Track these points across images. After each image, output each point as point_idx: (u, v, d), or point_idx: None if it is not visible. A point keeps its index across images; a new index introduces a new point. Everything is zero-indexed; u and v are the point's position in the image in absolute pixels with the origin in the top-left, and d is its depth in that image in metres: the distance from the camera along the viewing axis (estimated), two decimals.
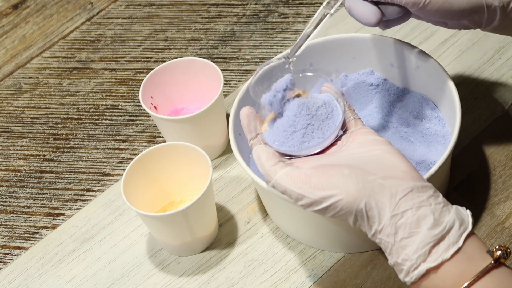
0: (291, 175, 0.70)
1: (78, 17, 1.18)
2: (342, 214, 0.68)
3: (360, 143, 0.73)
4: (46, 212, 0.95)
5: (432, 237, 0.64)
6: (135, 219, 0.92)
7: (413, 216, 0.65)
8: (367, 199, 0.66)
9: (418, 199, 0.66)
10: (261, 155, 0.73)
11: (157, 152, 0.87)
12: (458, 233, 0.64)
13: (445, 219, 0.65)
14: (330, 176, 0.68)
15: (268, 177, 0.72)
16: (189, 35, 1.12)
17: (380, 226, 0.66)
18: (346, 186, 0.67)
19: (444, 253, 0.64)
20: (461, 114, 0.81)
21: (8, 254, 0.92)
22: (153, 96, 0.95)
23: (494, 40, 1.01)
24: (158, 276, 0.87)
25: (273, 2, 1.14)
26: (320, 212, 0.69)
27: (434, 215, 0.65)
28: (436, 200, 0.66)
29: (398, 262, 0.65)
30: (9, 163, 1.01)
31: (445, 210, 0.65)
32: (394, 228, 0.65)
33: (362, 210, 0.67)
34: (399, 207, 0.65)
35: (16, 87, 1.10)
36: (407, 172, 0.68)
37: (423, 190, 0.66)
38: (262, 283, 0.84)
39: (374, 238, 0.67)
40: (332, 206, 0.68)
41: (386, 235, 0.66)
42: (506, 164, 0.89)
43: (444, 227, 0.64)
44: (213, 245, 0.88)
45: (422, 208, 0.65)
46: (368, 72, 0.93)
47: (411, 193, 0.66)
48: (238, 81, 1.05)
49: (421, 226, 0.64)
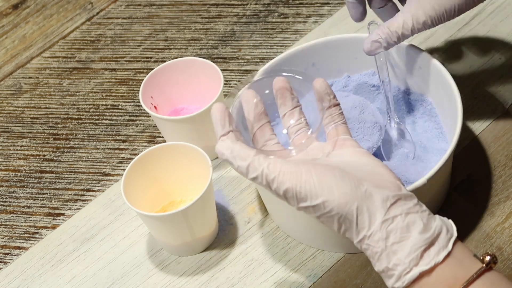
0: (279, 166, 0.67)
1: (78, 17, 1.18)
2: (330, 216, 0.66)
3: (346, 154, 0.72)
4: (46, 212, 0.95)
5: (423, 240, 0.64)
6: (135, 219, 0.92)
7: (403, 222, 0.65)
8: (359, 202, 0.66)
9: (406, 206, 0.66)
10: (234, 147, 0.69)
11: (157, 152, 0.87)
12: (446, 238, 0.65)
13: (433, 224, 0.65)
14: (322, 174, 0.67)
15: (251, 169, 0.68)
16: (189, 35, 1.12)
17: (369, 231, 0.65)
18: (339, 187, 0.66)
19: (436, 257, 0.64)
20: (462, 114, 0.82)
21: (8, 254, 0.92)
22: (153, 96, 0.95)
23: (494, 40, 1.01)
24: (158, 276, 0.87)
25: (273, 2, 1.14)
26: (307, 211, 0.67)
27: (423, 220, 0.65)
28: (421, 208, 0.67)
29: (388, 267, 0.65)
30: (9, 163, 1.01)
31: (431, 217, 0.66)
32: (385, 232, 0.65)
33: (353, 213, 0.65)
34: (389, 213, 0.65)
35: (16, 87, 1.10)
36: (394, 183, 0.68)
37: (409, 198, 0.67)
38: (262, 283, 0.84)
39: (361, 244, 0.66)
40: (321, 205, 0.66)
41: (375, 241, 0.65)
42: (506, 164, 0.89)
43: (434, 232, 0.65)
44: (213, 245, 0.88)
45: (411, 214, 0.65)
46: (370, 73, 0.93)
47: (400, 200, 0.66)
48: (238, 81, 1.05)
49: (411, 231, 0.65)
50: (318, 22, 1.10)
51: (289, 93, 0.77)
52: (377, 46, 0.83)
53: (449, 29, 1.03)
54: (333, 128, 0.75)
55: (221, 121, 0.71)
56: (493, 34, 1.02)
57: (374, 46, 0.83)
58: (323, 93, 0.75)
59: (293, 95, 0.78)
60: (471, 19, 1.04)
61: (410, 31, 0.81)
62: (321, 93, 0.75)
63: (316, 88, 0.76)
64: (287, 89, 0.77)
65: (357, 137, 0.86)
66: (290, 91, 0.77)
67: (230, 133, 0.71)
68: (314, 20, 1.10)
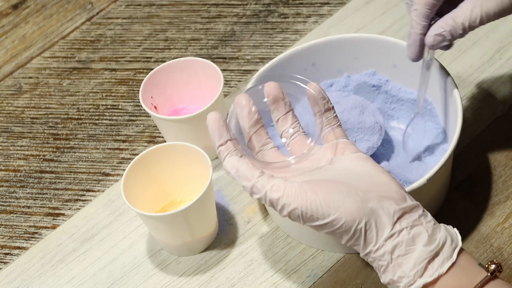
0: (283, 188, 0.68)
1: (78, 17, 1.18)
2: (339, 232, 0.67)
3: (348, 160, 0.72)
4: (46, 212, 0.95)
5: (428, 253, 0.65)
6: (135, 219, 0.92)
7: (408, 235, 0.65)
8: (367, 218, 0.66)
9: (411, 219, 0.66)
10: (240, 167, 0.70)
11: (157, 152, 0.87)
12: (450, 248, 0.65)
13: (438, 235, 0.66)
14: (327, 192, 0.67)
15: (255, 190, 0.69)
16: (189, 35, 1.12)
17: (376, 246, 0.66)
18: (346, 205, 0.66)
19: (440, 268, 0.65)
20: (462, 114, 0.82)
21: (8, 254, 0.92)
22: (153, 96, 0.95)
23: (494, 40, 1.01)
24: (158, 276, 0.87)
25: (273, 2, 1.14)
26: (314, 228, 0.68)
27: (427, 232, 0.66)
28: (426, 219, 0.67)
29: (393, 279, 0.66)
30: (9, 163, 1.01)
31: (436, 228, 0.67)
32: (391, 246, 0.66)
33: (361, 230, 0.66)
34: (396, 227, 0.66)
35: (16, 87, 1.10)
36: (398, 192, 0.68)
37: (414, 210, 0.67)
38: (262, 283, 0.84)
39: (367, 257, 0.67)
40: (329, 224, 0.67)
41: (381, 255, 0.66)
42: (506, 164, 0.89)
43: (438, 243, 0.65)
44: (213, 245, 0.88)
45: (416, 227, 0.66)
46: (370, 73, 0.93)
47: (406, 214, 0.67)
48: (238, 81, 1.05)
49: (416, 243, 0.65)
50: (318, 22, 1.10)
51: (281, 99, 0.77)
52: (440, 40, 0.76)
53: None
54: (330, 131, 0.75)
55: (218, 131, 0.72)
56: (493, 34, 1.02)
57: (437, 40, 0.76)
58: (318, 98, 0.75)
59: (285, 100, 0.77)
60: None
61: (479, 22, 0.74)
62: (315, 98, 0.75)
63: (309, 93, 0.75)
64: (279, 94, 0.76)
65: (357, 137, 0.86)
66: (282, 97, 0.77)
67: (228, 142, 0.72)
68: (314, 20, 1.10)
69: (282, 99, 0.77)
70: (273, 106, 0.77)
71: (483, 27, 1.02)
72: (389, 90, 0.92)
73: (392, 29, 1.05)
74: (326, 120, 0.75)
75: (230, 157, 0.71)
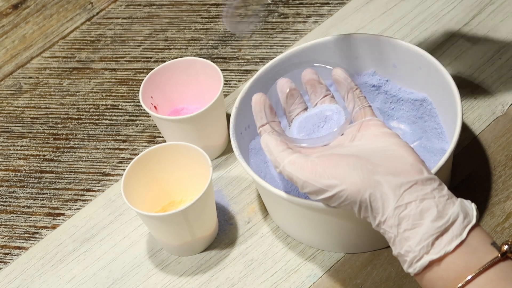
0: (298, 162, 0.71)
1: (78, 17, 1.18)
2: (347, 204, 0.69)
3: (370, 136, 0.74)
4: (46, 212, 0.95)
5: (435, 229, 0.64)
6: (135, 219, 0.92)
7: (416, 208, 0.65)
8: (372, 190, 0.67)
9: (422, 192, 0.66)
10: (269, 142, 0.75)
11: (157, 152, 0.87)
12: (462, 225, 0.64)
13: (449, 211, 0.65)
14: (335, 165, 0.69)
15: (276, 163, 0.73)
16: (189, 35, 1.12)
17: (383, 217, 0.66)
18: (350, 176, 0.68)
19: (447, 246, 0.64)
20: (462, 114, 0.82)
21: (8, 254, 0.92)
22: (153, 96, 0.95)
23: (494, 40, 1.01)
24: (158, 276, 0.87)
25: (273, 2, 1.14)
26: (326, 201, 0.70)
27: (437, 207, 0.65)
28: (440, 193, 0.66)
29: (401, 253, 0.66)
30: (9, 163, 1.01)
31: (449, 203, 0.66)
32: (398, 219, 0.65)
33: (367, 201, 0.67)
34: (403, 199, 0.66)
35: (16, 87, 1.10)
36: (414, 164, 0.68)
37: (427, 183, 0.67)
38: (262, 283, 0.84)
39: (379, 229, 0.68)
40: (336, 195, 0.69)
41: (389, 226, 0.66)
42: (506, 164, 0.89)
43: (448, 220, 0.64)
44: (213, 245, 0.88)
45: (426, 200, 0.65)
46: (370, 73, 0.93)
47: (415, 185, 0.66)
48: (238, 81, 1.05)
49: (424, 218, 0.65)
50: (318, 22, 1.10)
51: (317, 83, 0.81)
52: None
53: (449, 29, 1.03)
54: (358, 111, 0.78)
55: (259, 113, 0.79)
56: (493, 34, 1.02)
57: None
58: (343, 80, 0.79)
59: (322, 84, 0.82)
60: (471, 19, 1.04)
61: None
62: (341, 80, 0.79)
63: (335, 77, 0.80)
64: (316, 79, 0.81)
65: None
66: (319, 81, 0.81)
67: (267, 124, 0.79)
68: (314, 20, 1.10)
69: (319, 82, 0.82)
70: (310, 90, 0.82)
71: (483, 27, 1.02)
72: (389, 90, 0.92)
73: (392, 29, 1.05)
74: (357, 99, 0.79)
75: (265, 134, 0.77)
